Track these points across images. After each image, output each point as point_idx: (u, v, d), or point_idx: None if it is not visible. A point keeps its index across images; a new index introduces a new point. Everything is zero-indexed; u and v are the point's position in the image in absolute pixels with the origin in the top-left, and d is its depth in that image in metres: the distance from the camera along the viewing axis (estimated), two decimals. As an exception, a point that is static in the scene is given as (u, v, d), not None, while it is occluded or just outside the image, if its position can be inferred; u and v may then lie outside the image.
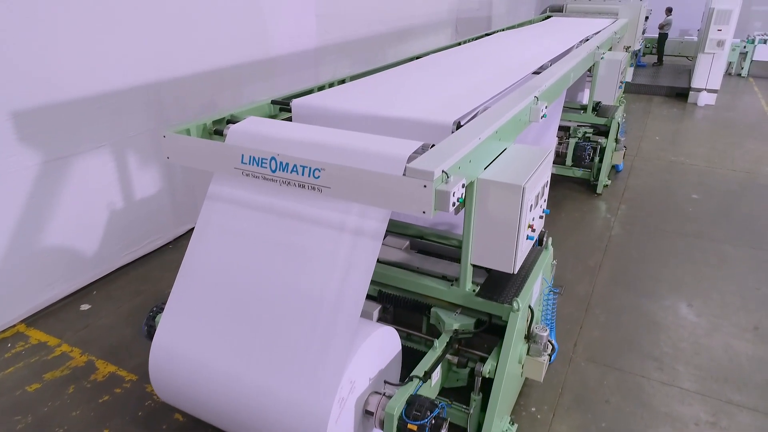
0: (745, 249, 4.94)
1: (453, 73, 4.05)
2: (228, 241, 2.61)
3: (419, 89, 3.46)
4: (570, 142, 5.88)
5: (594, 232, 5.26)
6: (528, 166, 2.71)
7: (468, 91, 3.45)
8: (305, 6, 6.06)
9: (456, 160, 2.21)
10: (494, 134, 2.67)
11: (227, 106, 5.26)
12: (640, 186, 6.40)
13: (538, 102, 3.31)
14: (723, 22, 9.65)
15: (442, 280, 2.97)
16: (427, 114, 2.86)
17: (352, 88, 3.50)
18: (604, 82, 6.02)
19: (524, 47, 5.47)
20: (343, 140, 2.51)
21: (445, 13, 9.82)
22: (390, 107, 2.99)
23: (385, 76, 3.93)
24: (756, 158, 7.35)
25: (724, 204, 5.91)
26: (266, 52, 5.60)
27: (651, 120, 9.30)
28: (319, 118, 3.11)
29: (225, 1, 4.97)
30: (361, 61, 7.39)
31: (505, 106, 3.06)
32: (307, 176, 2.31)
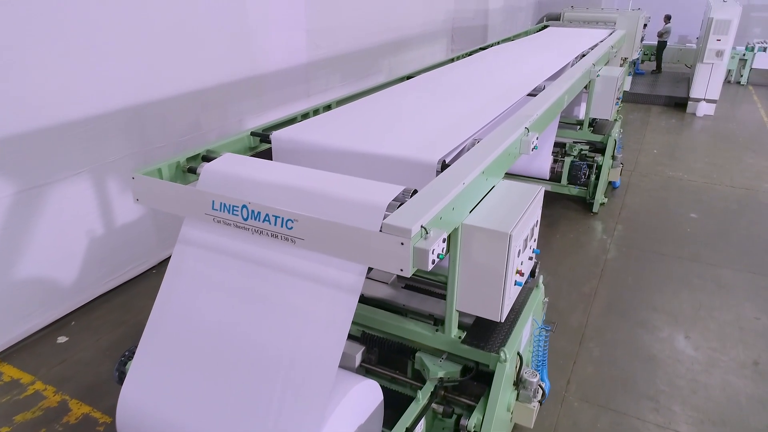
0: (744, 274, 4.81)
1: (443, 98, 3.92)
2: (199, 289, 2.48)
3: (406, 119, 3.33)
4: (565, 161, 5.75)
5: (589, 256, 5.13)
6: (516, 207, 2.58)
7: (458, 121, 3.32)
8: (295, 21, 5.93)
9: (436, 211, 2.08)
10: (480, 175, 2.54)
11: (213, 126, 5.14)
12: (637, 204, 6.27)
13: (528, 133, 3.19)
14: (722, 32, 9.53)
15: (427, 324, 2.84)
16: (411, 151, 2.73)
17: (336, 117, 3.36)
18: (600, 98, 5.90)
19: (519, 65, 5.36)
20: (320, 184, 2.38)
21: (440, 23, 9.70)
22: (373, 142, 2.86)
23: (371, 101, 3.79)
24: (755, 174, 7.23)
25: (723, 224, 5.78)
26: (254, 69, 5.47)
27: (649, 132, 9.17)
28: (299, 152, 2.98)
29: (210, 19, 4.84)
30: (354, 75, 7.28)
31: (494, 140, 2.93)
32: (279, 226, 2.18)
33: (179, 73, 4.70)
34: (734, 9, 9.90)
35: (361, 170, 2.80)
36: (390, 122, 3.25)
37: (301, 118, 3.59)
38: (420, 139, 2.94)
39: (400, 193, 2.29)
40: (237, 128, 5.42)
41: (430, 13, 9.30)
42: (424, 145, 2.86)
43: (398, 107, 3.61)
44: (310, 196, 2.34)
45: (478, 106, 3.70)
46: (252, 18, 5.28)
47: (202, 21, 4.75)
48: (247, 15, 5.21)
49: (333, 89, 6.82)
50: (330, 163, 2.89)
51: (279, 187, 2.41)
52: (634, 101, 11.15)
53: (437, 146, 2.82)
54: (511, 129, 3.09)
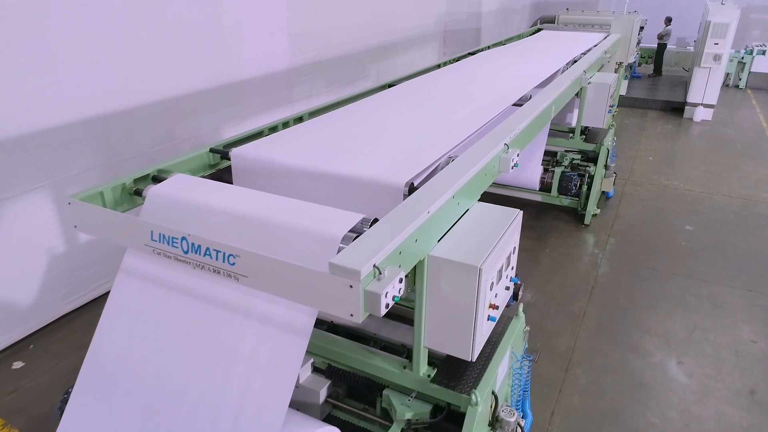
0: (741, 292, 4.60)
1: (423, 109, 3.70)
2: (139, 325, 2.26)
3: (379, 134, 3.11)
4: (555, 171, 5.54)
5: (579, 272, 4.91)
6: (491, 235, 2.36)
7: (435, 136, 3.10)
8: (276, 26, 5.71)
9: (394, 246, 1.86)
10: (451, 200, 2.33)
11: (187, 135, 4.92)
12: (631, 216, 6.06)
13: (508, 150, 2.97)
14: (720, 35, 9.32)
15: (395, 360, 2.62)
16: (378, 173, 2.51)
17: (303, 132, 3.14)
18: (592, 106, 5.68)
19: (507, 71, 5.14)
20: (272, 212, 2.16)
21: (431, 26, 9.49)
22: (339, 162, 2.64)
23: (345, 114, 3.57)
24: (754, 183, 7.01)
25: (720, 237, 5.57)
26: (232, 76, 5.25)
27: (645, 138, 8.96)
28: (260, 171, 2.77)
29: (182, 25, 4.63)
30: (340, 81, 7.06)
31: (469, 158, 2.72)
32: (221, 262, 1.96)
33: (150, 81, 4.48)
34: (732, 12, 9.70)
35: (325, 193, 2.60)
36: (361, 138, 3.03)
37: (268, 131, 3.37)
38: (391, 158, 2.72)
39: (358, 222, 2.08)
40: (213, 137, 5.20)
41: (420, 16, 9.08)
42: (394, 164, 2.64)
43: (372, 121, 3.39)
44: (259, 226, 2.13)
45: (458, 118, 3.49)
46: (228, 23, 5.06)
47: (173, 27, 4.54)
48: (222, 20, 4.99)
49: (317, 95, 6.61)
50: (291, 185, 2.68)
51: (227, 215, 2.20)
52: (631, 105, 10.94)
53: (408, 166, 2.61)
54: (490, 145, 2.88)
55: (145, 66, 4.40)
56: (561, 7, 13.32)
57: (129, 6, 4.15)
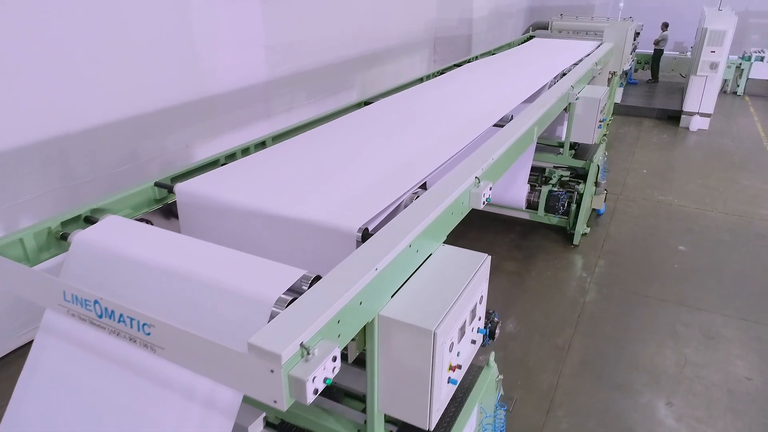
0: (735, 321, 4.36)
1: (395, 133, 3.46)
2: (57, 391, 2.03)
3: (341, 165, 2.86)
4: (542, 190, 5.30)
5: (566, 298, 4.68)
6: (452, 287, 2.13)
7: (402, 166, 2.87)
8: (251, 37, 5.48)
9: (330, 317, 1.62)
10: (408, 248, 2.09)
11: (154, 154, 4.68)
12: (622, 235, 5.82)
13: (479, 183, 2.73)
14: (716, 43, 9.08)
15: (349, 422, 2.38)
16: (331, 215, 2.27)
17: (257, 163, 2.90)
18: (581, 121, 5.44)
19: (492, 86, 4.90)
20: (204, 267, 1.93)
21: (421, 33, 9.25)
22: (290, 200, 2.40)
23: (308, 139, 3.33)
24: (751, 198, 6.78)
25: (714, 259, 5.33)
26: (203, 91, 5.01)
27: (639, 148, 8.72)
28: (206, 210, 2.52)
29: (148, 39, 4.39)
30: (322, 92, 6.82)
31: (435, 195, 2.48)
32: (136, 330, 1.72)
33: (112, 99, 4.24)
34: (729, 19, 9.47)
35: (273, 237, 2.36)
36: (320, 171, 2.79)
37: (225, 160, 3.13)
38: (349, 196, 2.48)
39: (298, 281, 1.85)
40: (183, 156, 4.97)
41: (409, 23, 8.84)
42: (351, 203, 2.40)
43: (337, 148, 3.14)
44: (188, 283, 1.89)
45: (433, 143, 3.25)
46: (199, 36, 4.82)
47: (137, 41, 4.30)
48: (192, 33, 4.75)
49: (297, 108, 6.38)
50: (238, 226, 2.44)
51: (155, 270, 1.96)
52: (626, 114, 10.70)
53: (366, 206, 2.37)
54: (459, 179, 2.64)
55: (108, 82, 4.16)
56: (557, 11, 13.11)
57: (87, 18, 3.91)
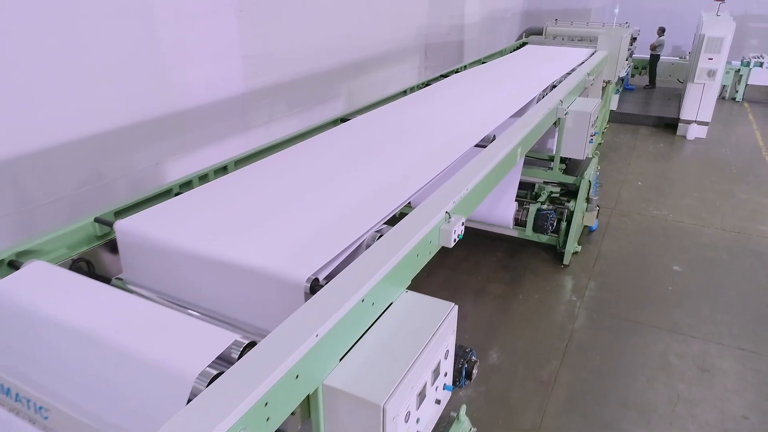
0: (732, 351, 4.13)
1: (367, 156, 3.24)
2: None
3: (300, 198, 2.62)
4: (530, 209, 5.06)
5: (554, 325, 4.44)
6: (410, 347, 1.90)
7: (369, 198, 2.64)
8: (226, 48, 5.24)
9: (255, 401, 1.39)
10: (360, 303, 1.86)
11: (120, 173, 4.44)
12: (614, 253, 5.58)
13: (450, 219, 2.50)
14: (714, 50, 8.86)
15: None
16: (279, 261, 2.03)
17: (209, 196, 2.66)
18: (571, 136, 5.20)
19: (478, 100, 4.68)
20: (124, 332, 1.69)
21: (411, 39, 9.01)
22: (237, 242, 2.17)
23: (270, 165, 3.09)
24: (749, 213, 6.54)
25: (710, 281, 5.10)
26: (172, 106, 4.76)
27: (635, 159, 8.49)
28: (147, 251, 2.29)
29: (111, 52, 4.15)
30: (305, 103, 6.58)
31: (400, 234, 2.26)
32: (34, 412, 1.50)
33: (71, 117, 4.00)
34: (727, 25, 9.24)
35: (217, 285, 2.13)
36: (277, 205, 2.54)
37: (179, 188, 2.91)
38: (305, 236, 2.24)
39: (228, 348, 1.63)
40: (152, 174, 4.73)
41: (398, 29, 8.60)
42: (305, 245, 2.17)
43: (299, 176, 2.91)
44: (104, 352, 1.66)
45: (406, 169, 3.03)
46: (168, 48, 4.58)
47: (97, 57, 4.06)
48: (160, 45, 4.52)
49: (278, 120, 6.14)
50: (180, 271, 2.21)
51: (67, 336, 1.72)
52: (622, 121, 10.47)
53: (321, 249, 2.14)
54: (427, 215, 2.41)
55: (66, 100, 3.92)
56: (553, 15, 12.88)
57: (41, 33, 3.67)
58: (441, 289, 4.89)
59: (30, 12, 3.56)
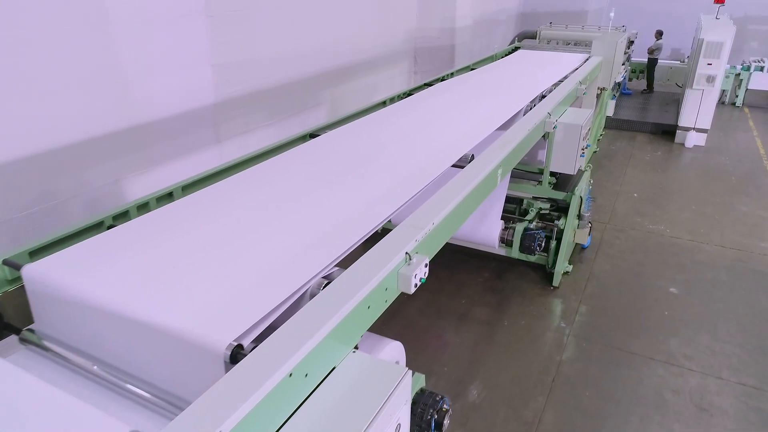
0: (732, 387, 3.82)
1: (329, 180, 2.93)
2: None
3: (243, 235, 2.31)
4: (516, 228, 4.75)
5: (540, 355, 4.13)
6: (352, 424, 1.60)
7: (324, 233, 2.34)
8: (195, 56, 4.93)
9: None
10: (288, 378, 1.55)
11: (71, 192, 4.13)
12: (607, 273, 5.27)
13: (411, 260, 2.20)
14: (713, 55, 8.55)
15: None
16: (198, 322, 1.73)
17: (137, 233, 2.34)
18: (561, 149, 4.89)
19: (460, 113, 4.37)
20: None
21: (400, 44, 8.71)
22: (159, 294, 1.87)
23: (218, 192, 2.78)
24: (750, 227, 6.24)
25: (708, 304, 4.79)
26: (133, 118, 4.45)
27: (631, 168, 8.18)
28: (55, 302, 1.98)
29: (56, 66, 3.84)
30: (285, 111, 6.28)
31: (352, 280, 1.97)
32: None
33: (17, 133, 3.70)
34: (727, 30, 8.93)
35: (135, 345, 1.83)
36: (212, 245, 2.22)
37: (112, 220, 2.60)
38: (237, 288, 1.93)
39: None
40: (113, 191, 4.43)
41: (386, 33, 8.30)
42: (235, 300, 1.87)
43: (244, 207, 2.58)
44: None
45: (370, 197, 2.73)
46: (127, 58, 4.27)
47: (43, 69, 3.75)
48: (119, 55, 4.21)
49: (255, 130, 5.84)
50: (93, 326, 1.90)
51: None
52: (618, 128, 10.17)
53: (252, 304, 1.84)
54: (382, 258, 2.11)
55: (9, 116, 3.62)
56: (549, 17, 12.58)
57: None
58: (422, 315, 4.58)
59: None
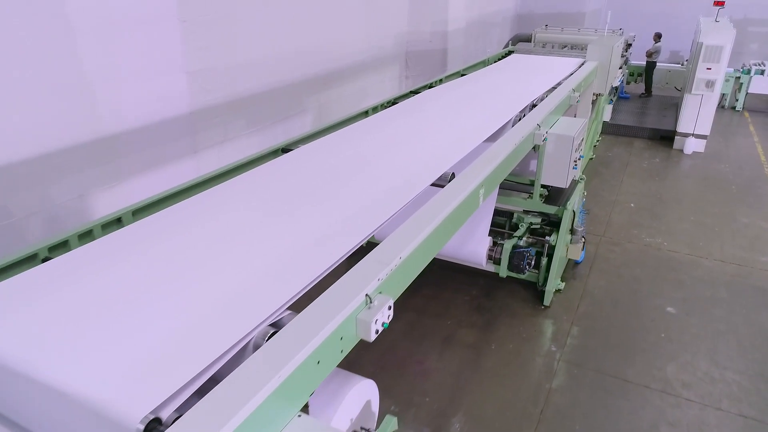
0: (733, 419, 3.57)
1: (297, 202, 2.69)
2: None
3: (182, 273, 2.06)
4: (504, 246, 4.50)
5: (529, 383, 3.88)
6: None
7: (277, 269, 2.10)
8: (167, 63, 4.68)
9: None
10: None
11: (30, 209, 3.88)
12: (601, 291, 5.03)
13: (372, 303, 1.95)
14: (713, 60, 8.30)
15: None
16: (109, 390, 1.49)
17: (64, 270, 2.09)
18: (552, 161, 4.65)
19: (446, 125, 4.14)
20: None
21: (390, 48, 8.46)
22: (67, 351, 1.62)
23: (168, 218, 2.53)
24: (750, 240, 5.99)
25: (707, 325, 4.54)
26: (99, 130, 4.21)
27: (628, 176, 7.94)
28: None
29: (17, 74, 3.60)
30: (267, 119, 6.04)
31: (298, 334, 1.73)
32: None
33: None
34: (727, 33, 8.68)
35: (47, 409, 1.58)
36: (145, 285, 1.98)
37: (48, 252, 2.35)
38: (158, 345, 1.68)
39: None
40: (78, 207, 4.19)
41: (376, 36, 8.05)
42: (155, 362, 1.61)
43: (193, 235, 2.34)
44: None
45: (336, 224, 2.48)
46: (91, 67, 4.03)
47: (1, 75, 3.51)
48: (82, 64, 3.96)
49: (235, 139, 5.59)
50: (7, 388, 1.66)
51: None
52: (615, 133, 9.92)
53: (178, 366, 1.59)
54: (338, 302, 1.87)
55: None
56: (546, 19, 12.34)
57: None
58: (404, 337, 4.34)
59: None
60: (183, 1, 4.64)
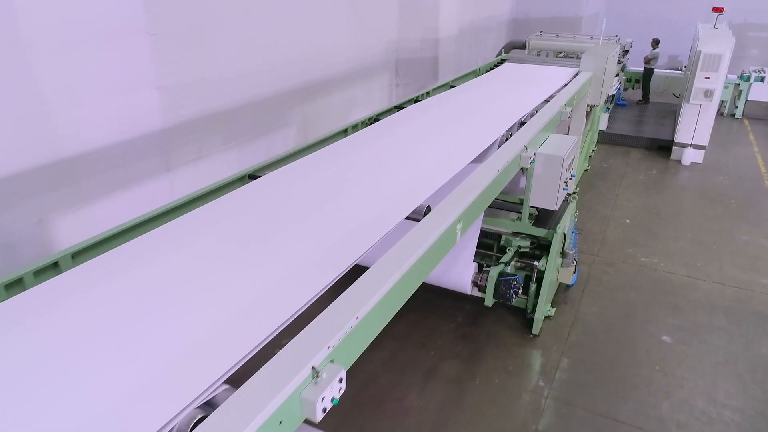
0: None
1: (260, 240, 2.45)
2: None
3: (115, 332, 1.83)
4: (490, 273, 4.25)
5: (514, 424, 3.63)
6: None
7: (220, 326, 1.86)
8: (135, 79, 4.43)
9: None
10: None
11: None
12: (594, 318, 4.78)
13: (320, 377, 1.71)
14: (711, 68, 8.06)
15: None
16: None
17: (10, 317, 1.86)
18: (541, 183, 4.41)
19: (429, 143, 3.92)
20: None
21: (380, 55, 8.22)
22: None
23: (113, 261, 2.29)
24: (750, 260, 5.75)
25: (705, 356, 4.30)
26: (58, 151, 3.96)
27: (624, 189, 7.69)
28: None
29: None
30: (246, 133, 5.79)
31: (231, 419, 1.49)
32: None
33: None
34: (726, 40, 8.45)
35: None
36: (81, 349, 1.75)
37: (5, 290, 2.12)
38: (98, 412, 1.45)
39: None
40: (36, 233, 3.94)
41: (365, 44, 7.80)
42: None
43: (133, 282, 2.10)
44: None
45: (296, 269, 2.25)
46: (47, 86, 3.78)
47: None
48: (37, 82, 3.72)
49: (211, 155, 5.35)
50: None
51: None
52: (612, 143, 9.68)
53: None
54: (280, 378, 1.63)
55: None
56: (542, 24, 12.12)
57: None
58: (385, 369, 4.09)
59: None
60: (152, 14, 4.39)
